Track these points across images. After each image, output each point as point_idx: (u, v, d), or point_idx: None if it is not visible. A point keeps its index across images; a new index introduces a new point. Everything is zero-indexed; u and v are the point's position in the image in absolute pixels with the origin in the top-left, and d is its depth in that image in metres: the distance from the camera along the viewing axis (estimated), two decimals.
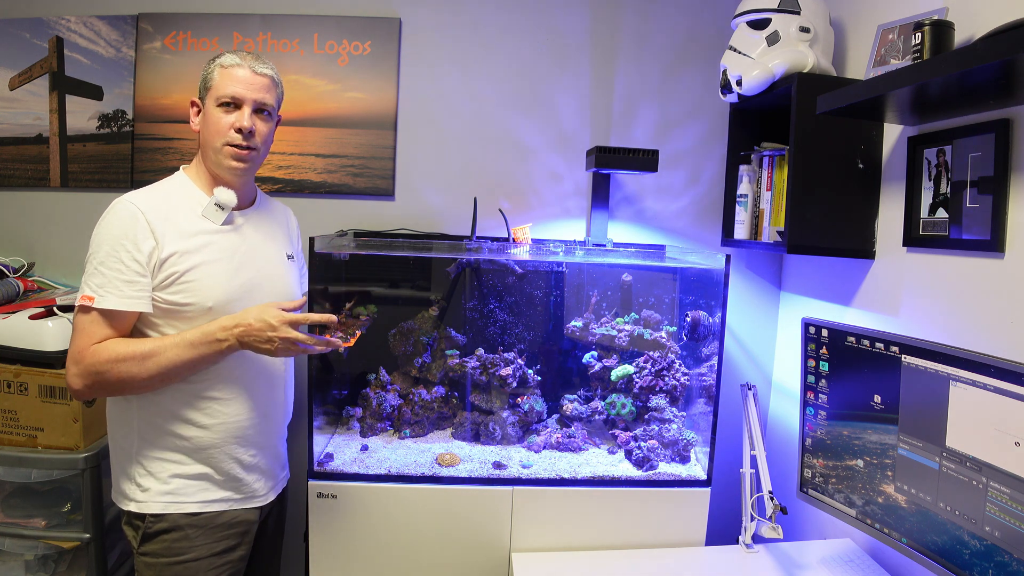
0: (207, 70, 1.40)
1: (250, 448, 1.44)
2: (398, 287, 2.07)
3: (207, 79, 1.39)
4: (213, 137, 1.38)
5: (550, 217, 2.16)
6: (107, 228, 1.30)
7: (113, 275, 1.27)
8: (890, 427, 1.36)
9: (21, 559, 1.76)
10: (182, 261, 1.32)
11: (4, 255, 2.08)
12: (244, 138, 1.38)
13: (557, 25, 2.12)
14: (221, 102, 1.37)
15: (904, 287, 1.56)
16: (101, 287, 1.27)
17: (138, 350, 1.27)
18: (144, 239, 1.29)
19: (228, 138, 1.37)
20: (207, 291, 1.34)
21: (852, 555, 1.59)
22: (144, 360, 1.27)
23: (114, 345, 1.27)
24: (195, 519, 1.37)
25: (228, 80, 1.37)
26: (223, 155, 1.38)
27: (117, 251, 1.28)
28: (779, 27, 1.67)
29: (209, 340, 1.30)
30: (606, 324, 2.00)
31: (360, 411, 1.89)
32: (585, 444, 1.85)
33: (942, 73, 1.09)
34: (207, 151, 1.40)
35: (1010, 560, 1.11)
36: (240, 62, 1.39)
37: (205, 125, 1.39)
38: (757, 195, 1.91)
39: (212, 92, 1.38)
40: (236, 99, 1.37)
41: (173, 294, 1.32)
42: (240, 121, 1.37)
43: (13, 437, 1.72)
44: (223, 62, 1.39)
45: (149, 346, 1.28)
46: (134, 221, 1.29)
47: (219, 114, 1.37)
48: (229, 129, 1.37)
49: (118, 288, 1.27)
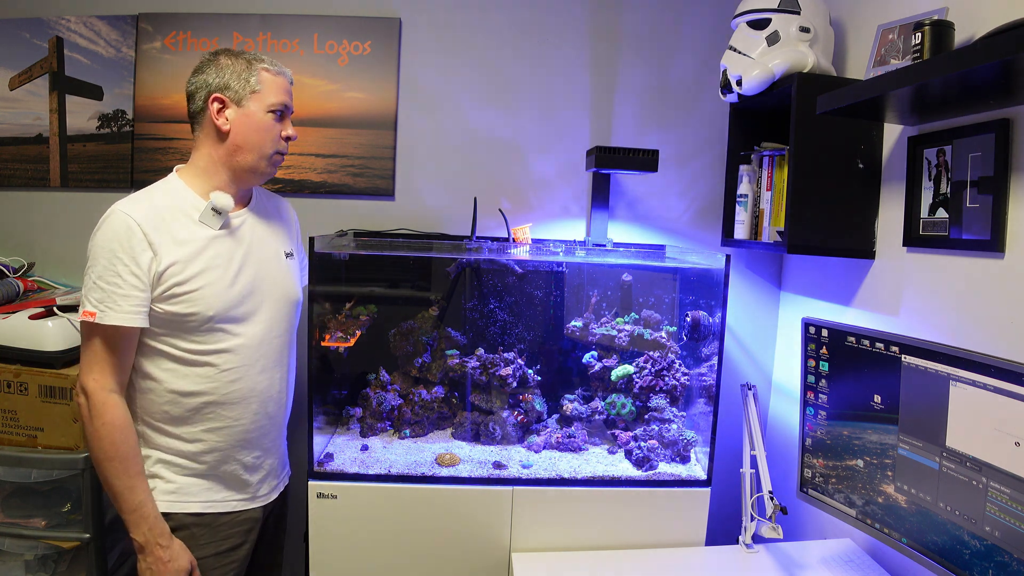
0: (246, 71, 1.36)
1: (254, 450, 1.44)
2: (398, 287, 2.07)
3: (250, 81, 1.36)
4: (265, 143, 1.38)
5: (550, 217, 2.16)
6: (102, 241, 1.27)
7: (111, 289, 1.26)
8: (890, 427, 1.36)
9: (21, 559, 1.76)
10: (181, 271, 1.30)
11: (4, 255, 2.08)
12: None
13: (558, 25, 2.12)
14: (273, 109, 1.38)
15: (904, 287, 1.56)
16: (101, 302, 1.26)
17: (110, 451, 1.28)
18: (141, 251, 1.27)
19: (279, 146, 1.40)
20: (209, 300, 1.33)
21: (852, 555, 1.59)
22: (103, 459, 1.28)
23: (115, 422, 1.28)
24: (200, 519, 1.37)
25: (276, 87, 1.38)
26: (268, 162, 1.40)
27: (114, 264, 1.26)
28: (779, 27, 1.67)
29: (137, 519, 1.29)
30: (606, 324, 2.00)
31: (360, 411, 1.89)
32: (585, 444, 1.85)
33: (942, 73, 1.09)
34: (244, 155, 1.38)
35: (1010, 560, 1.11)
36: (283, 70, 1.41)
37: (252, 129, 1.37)
38: (757, 195, 1.91)
39: (260, 96, 1.37)
40: (287, 108, 1.41)
41: (174, 305, 1.31)
42: (287, 130, 1.41)
43: (13, 437, 1.72)
44: (267, 66, 1.38)
45: (119, 466, 1.28)
46: (129, 233, 1.26)
47: (271, 121, 1.38)
48: (280, 137, 1.40)
49: (116, 303, 1.26)
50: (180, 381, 1.35)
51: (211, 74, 1.37)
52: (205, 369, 1.35)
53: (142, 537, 1.29)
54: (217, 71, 1.36)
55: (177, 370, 1.35)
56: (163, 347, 1.34)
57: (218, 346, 1.36)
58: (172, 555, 1.30)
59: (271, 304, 1.44)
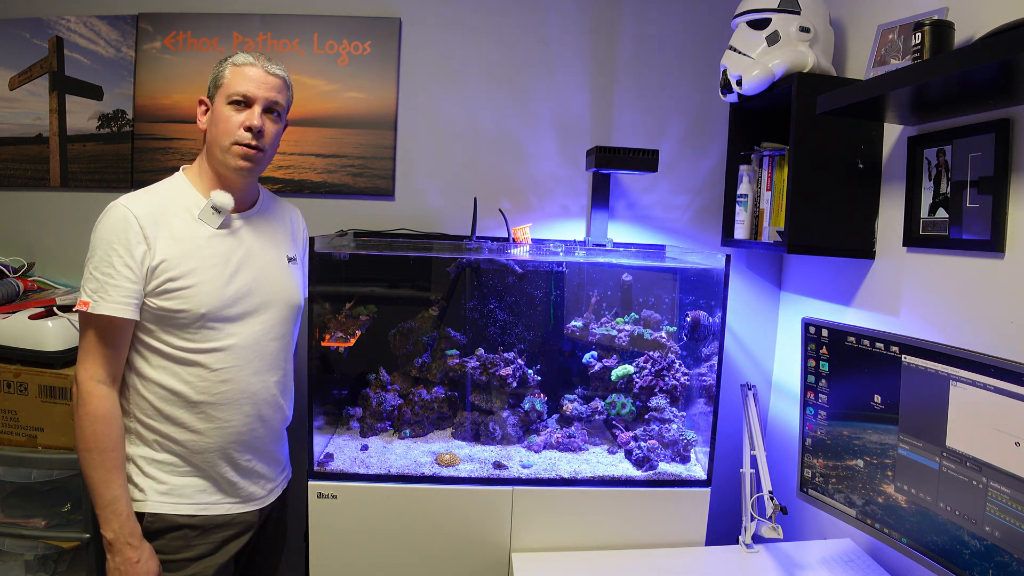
0: (218, 68, 1.39)
1: (246, 453, 1.43)
2: (398, 287, 2.07)
3: (218, 77, 1.38)
4: (222, 135, 1.36)
5: (550, 217, 2.16)
6: (101, 232, 1.30)
7: (104, 280, 1.27)
8: (890, 427, 1.36)
9: (21, 559, 1.76)
10: (174, 267, 1.31)
11: (4, 255, 2.08)
12: (253, 137, 1.36)
13: (557, 25, 2.12)
14: (232, 100, 1.36)
15: (904, 287, 1.56)
16: (95, 292, 1.27)
17: (91, 441, 1.29)
18: (136, 243, 1.28)
19: (237, 136, 1.36)
20: (201, 298, 1.33)
21: (852, 555, 1.59)
22: (84, 451, 1.29)
23: (100, 420, 1.29)
24: (192, 519, 1.37)
25: (240, 78, 1.37)
26: (230, 154, 1.37)
27: (109, 255, 1.27)
28: (779, 27, 1.67)
29: (110, 514, 1.29)
30: (606, 324, 2.00)
31: (360, 411, 1.89)
32: (585, 444, 1.85)
33: (942, 73, 1.09)
34: (213, 150, 1.38)
35: (1010, 560, 1.11)
36: (253, 61, 1.38)
37: (213, 123, 1.38)
38: (757, 195, 1.91)
39: (223, 90, 1.37)
40: (247, 97, 1.37)
41: (166, 300, 1.31)
42: (250, 119, 1.36)
43: (13, 437, 1.72)
44: (236, 60, 1.38)
45: (104, 458, 1.29)
46: (126, 225, 1.28)
47: (229, 112, 1.36)
48: (238, 127, 1.36)
49: (108, 294, 1.27)
50: (171, 379, 1.35)
51: (209, 79, 1.42)
52: (196, 368, 1.35)
53: (112, 534, 1.28)
54: (211, 75, 1.42)
55: (168, 367, 1.35)
56: (156, 344, 1.34)
57: (210, 345, 1.35)
58: (141, 556, 1.29)
59: (269, 307, 1.44)
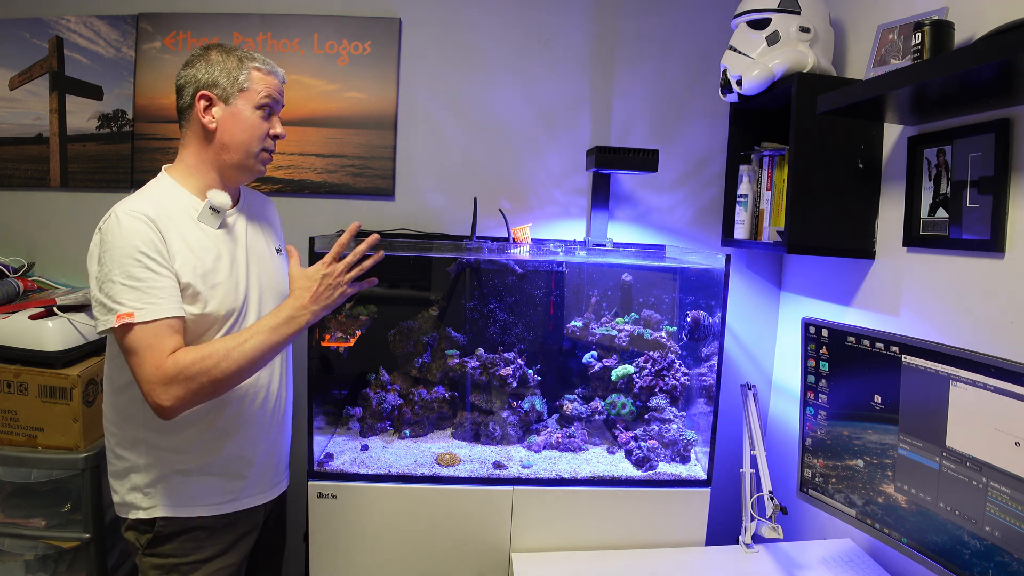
0: (235, 68, 1.34)
1: (256, 448, 1.43)
2: (398, 287, 2.07)
3: (239, 79, 1.34)
4: (251, 141, 1.35)
5: (550, 217, 2.16)
6: (120, 242, 1.22)
7: (146, 285, 1.21)
8: (890, 427, 1.36)
9: (21, 559, 1.76)
10: (190, 272, 1.28)
11: (4, 255, 2.08)
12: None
13: (557, 25, 2.12)
14: (261, 105, 1.35)
15: (904, 287, 1.56)
16: (138, 300, 1.20)
17: (219, 348, 1.24)
18: (160, 245, 1.24)
19: (266, 144, 1.38)
20: (219, 300, 1.31)
21: (852, 555, 1.59)
22: (228, 355, 1.24)
23: (192, 350, 1.23)
24: (203, 521, 1.37)
25: (266, 85, 1.36)
26: (256, 160, 1.37)
27: (141, 260, 1.21)
28: (779, 27, 1.67)
29: (287, 320, 1.31)
30: (606, 324, 2.00)
31: (360, 411, 1.89)
32: (585, 444, 1.85)
33: (942, 73, 1.09)
34: (231, 153, 1.35)
35: (1010, 560, 1.11)
36: (274, 68, 1.39)
37: (237, 126, 1.34)
38: (757, 195, 1.91)
39: (249, 95, 1.34)
40: (275, 105, 1.38)
41: (190, 305, 1.28)
42: (276, 128, 1.38)
43: (13, 437, 1.72)
44: (258, 65, 1.36)
45: (229, 342, 1.25)
46: (147, 228, 1.23)
47: (258, 118, 1.36)
48: (266, 135, 1.37)
49: (156, 297, 1.22)
50: None
51: (200, 69, 1.34)
52: None
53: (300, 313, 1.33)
54: (207, 67, 1.33)
55: None
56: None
57: None
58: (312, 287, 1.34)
59: (270, 300, 1.44)
